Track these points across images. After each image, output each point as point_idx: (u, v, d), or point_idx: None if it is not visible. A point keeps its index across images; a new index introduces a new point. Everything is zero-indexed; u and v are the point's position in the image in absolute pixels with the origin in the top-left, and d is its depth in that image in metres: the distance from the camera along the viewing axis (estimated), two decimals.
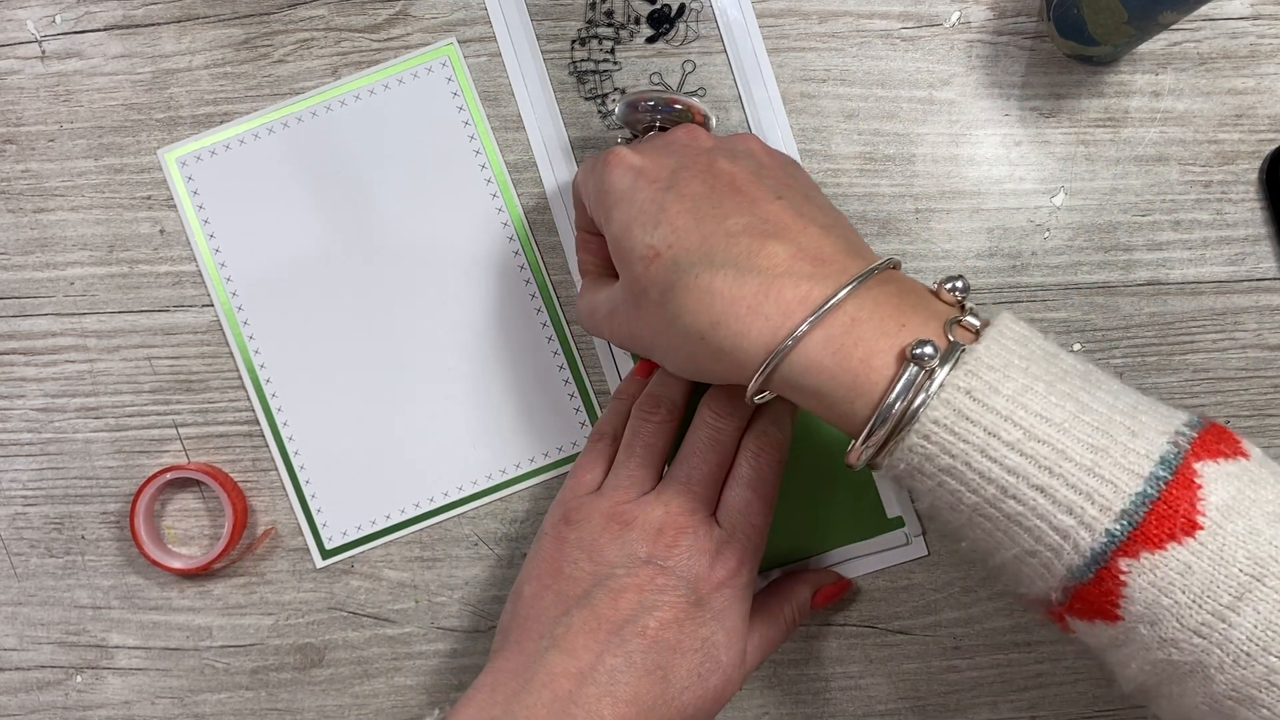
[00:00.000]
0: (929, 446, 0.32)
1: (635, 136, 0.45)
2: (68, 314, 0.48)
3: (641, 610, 0.38)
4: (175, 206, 0.48)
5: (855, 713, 0.48)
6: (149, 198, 0.48)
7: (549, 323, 0.48)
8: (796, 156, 0.48)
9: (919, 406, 0.32)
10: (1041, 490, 0.30)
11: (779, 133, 0.48)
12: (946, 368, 0.32)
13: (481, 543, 0.48)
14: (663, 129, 0.42)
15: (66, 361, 0.48)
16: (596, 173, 0.39)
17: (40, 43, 0.48)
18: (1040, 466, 0.30)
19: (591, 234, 0.43)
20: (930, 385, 0.32)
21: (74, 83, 0.48)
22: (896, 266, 0.36)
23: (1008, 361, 0.32)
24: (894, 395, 0.32)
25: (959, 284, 0.35)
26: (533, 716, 0.36)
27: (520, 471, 0.48)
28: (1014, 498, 0.31)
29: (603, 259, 0.43)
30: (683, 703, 0.38)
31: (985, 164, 0.48)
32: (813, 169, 0.48)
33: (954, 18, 0.48)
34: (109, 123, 0.48)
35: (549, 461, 0.48)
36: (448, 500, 0.48)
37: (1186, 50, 0.47)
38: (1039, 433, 0.31)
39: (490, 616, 0.48)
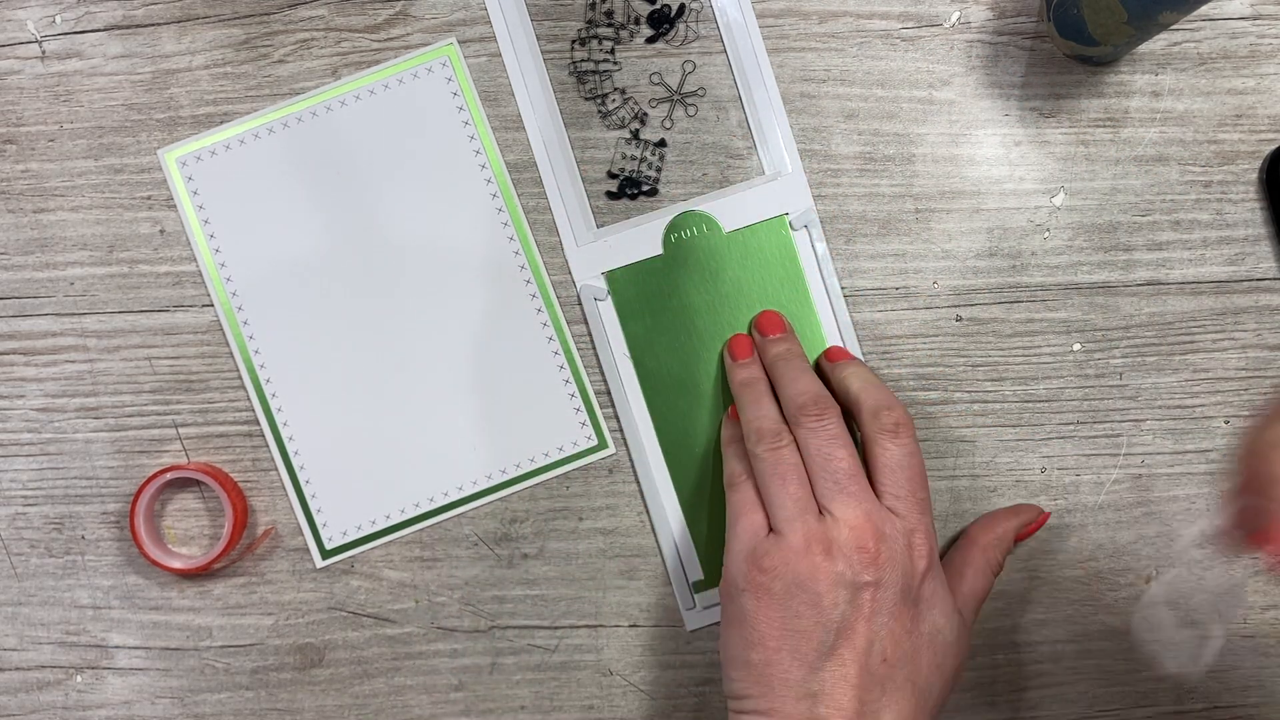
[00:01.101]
0: None
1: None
2: (68, 314, 0.48)
3: (875, 639, 0.39)
4: (175, 206, 0.48)
5: None
6: (149, 198, 0.48)
7: (549, 323, 0.48)
8: (797, 157, 0.48)
9: None
10: None
11: (779, 133, 0.48)
12: None
13: (481, 543, 0.48)
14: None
15: (66, 361, 0.48)
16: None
17: (40, 43, 0.48)
18: None
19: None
20: None
21: (74, 83, 0.48)
22: None
23: None
24: None
25: None
26: None
27: (520, 471, 0.48)
28: None
29: None
30: (934, 698, 0.41)
31: (985, 164, 0.48)
32: (812, 169, 0.48)
33: (954, 18, 0.48)
34: (109, 123, 0.48)
35: (549, 461, 0.48)
36: (448, 500, 0.48)
37: (1186, 50, 0.47)
38: None
39: (490, 616, 0.48)
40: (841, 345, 0.48)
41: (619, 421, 0.48)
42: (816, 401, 0.43)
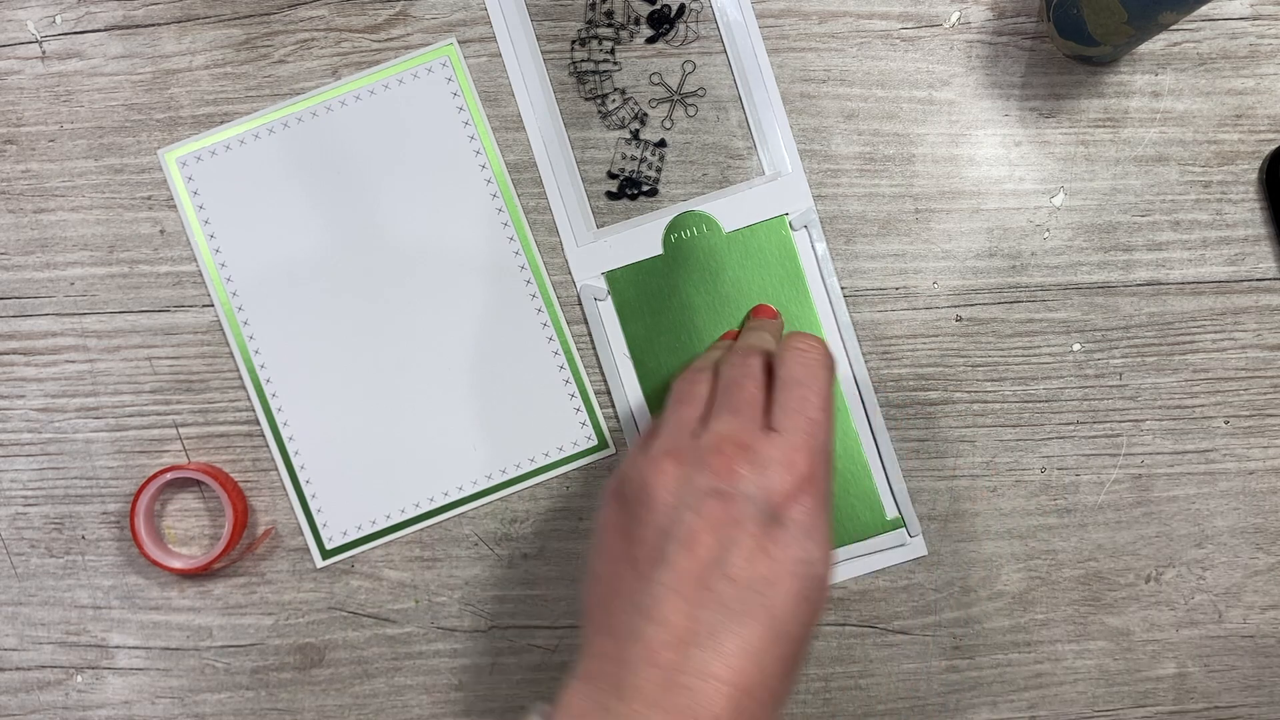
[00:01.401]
0: None
1: None
2: (68, 314, 0.48)
3: (723, 554, 0.35)
4: (175, 206, 0.48)
5: (855, 713, 0.48)
6: (149, 198, 0.48)
7: (549, 323, 0.48)
8: (797, 157, 0.48)
9: None
10: None
11: (779, 133, 0.48)
12: None
13: (481, 543, 0.48)
14: None
15: (67, 361, 0.48)
16: None
17: (41, 43, 0.48)
18: None
19: None
20: None
21: (74, 83, 0.48)
22: None
23: None
24: None
25: None
26: (643, 696, 0.33)
27: (520, 471, 0.48)
28: None
29: None
30: (794, 632, 0.35)
31: (985, 164, 0.48)
32: (812, 169, 0.48)
33: (954, 18, 0.48)
34: (109, 123, 0.48)
35: (549, 461, 0.48)
36: (448, 500, 0.48)
37: (1186, 50, 0.47)
38: None
39: (490, 616, 0.48)
40: (846, 349, 0.48)
41: (619, 421, 0.48)
42: (752, 347, 0.41)
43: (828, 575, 0.36)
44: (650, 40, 0.48)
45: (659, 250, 0.48)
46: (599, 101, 0.48)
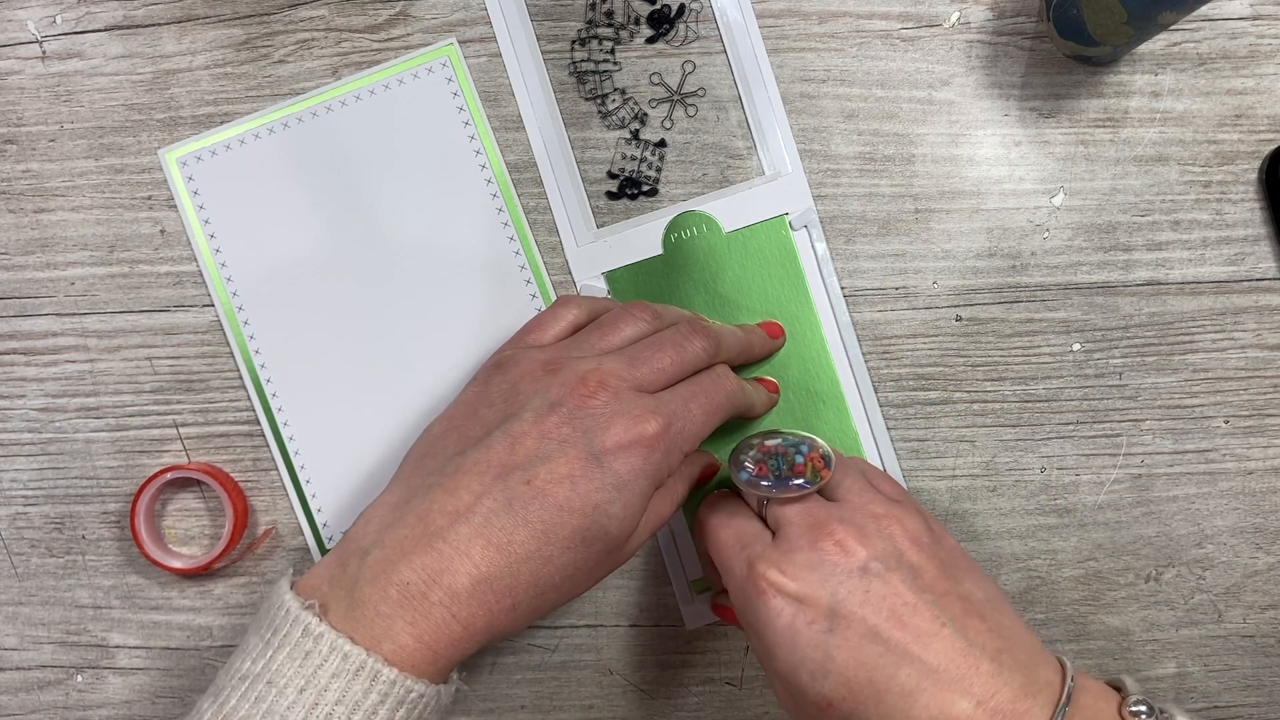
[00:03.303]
0: None
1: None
2: (68, 314, 0.48)
3: (535, 459, 0.36)
4: (175, 206, 0.48)
5: None
6: (149, 198, 0.48)
7: None
8: (797, 157, 0.48)
9: None
10: None
11: (779, 133, 0.48)
12: None
13: None
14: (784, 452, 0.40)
15: (67, 361, 0.48)
16: (747, 595, 0.37)
17: (41, 43, 0.48)
18: None
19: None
20: None
21: (74, 83, 0.48)
22: (1070, 676, 0.35)
23: None
24: None
25: (1143, 710, 0.34)
26: (400, 546, 0.36)
27: None
28: None
29: None
30: (561, 563, 0.36)
31: (985, 164, 0.48)
32: (813, 169, 0.48)
33: (954, 18, 0.48)
34: (109, 123, 0.48)
35: None
36: None
37: (1186, 50, 0.47)
38: None
39: None
40: (846, 349, 0.48)
41: None
42: (714, 335, 0.42)
43: (620, 534, 0.37)
44: (650, 40, 0.48)
45: (659, 250, 0.48)
46: (599, 101, 0.48)
